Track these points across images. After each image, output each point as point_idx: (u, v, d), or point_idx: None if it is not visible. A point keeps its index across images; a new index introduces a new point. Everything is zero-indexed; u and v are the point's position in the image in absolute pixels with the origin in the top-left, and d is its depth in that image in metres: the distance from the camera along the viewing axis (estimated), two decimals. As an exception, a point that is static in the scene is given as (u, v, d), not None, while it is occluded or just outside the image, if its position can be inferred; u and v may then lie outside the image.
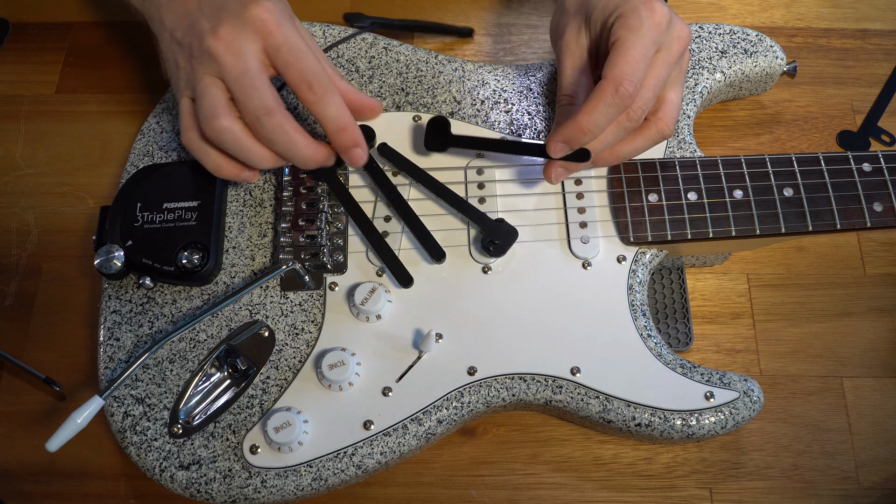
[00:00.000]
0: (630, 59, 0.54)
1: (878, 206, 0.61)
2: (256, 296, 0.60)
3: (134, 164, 0.66)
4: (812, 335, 0.66)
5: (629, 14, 0.56)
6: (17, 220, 0.70)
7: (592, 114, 0.55)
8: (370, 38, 0.70)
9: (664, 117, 0.59)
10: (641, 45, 0.55)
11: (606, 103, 0.54)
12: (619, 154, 0.59)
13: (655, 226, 0.61)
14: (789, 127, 0.74)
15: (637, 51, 0.55)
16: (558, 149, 0.57)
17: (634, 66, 0.54)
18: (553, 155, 0.57)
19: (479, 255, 0.61)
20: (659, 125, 0.59)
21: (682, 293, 0.66)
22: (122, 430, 0.57)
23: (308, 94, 0.55)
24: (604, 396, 0.57)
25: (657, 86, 0.56)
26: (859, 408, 0.64)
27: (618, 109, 0.54)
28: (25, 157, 0.73)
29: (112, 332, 0.60)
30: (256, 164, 0.56)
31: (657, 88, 0.57)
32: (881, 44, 0.78)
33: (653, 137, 0.59)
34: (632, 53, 0.54)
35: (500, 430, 0.63)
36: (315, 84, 0.54)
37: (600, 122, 0.55)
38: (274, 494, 0.55)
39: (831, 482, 0.61)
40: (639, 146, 0.59)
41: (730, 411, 0.56)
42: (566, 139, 0.56)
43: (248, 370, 0.58)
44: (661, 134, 0.59)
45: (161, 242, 0.59)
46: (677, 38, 0.57)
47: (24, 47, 0.78)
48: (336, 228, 0.62)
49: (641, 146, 0.59)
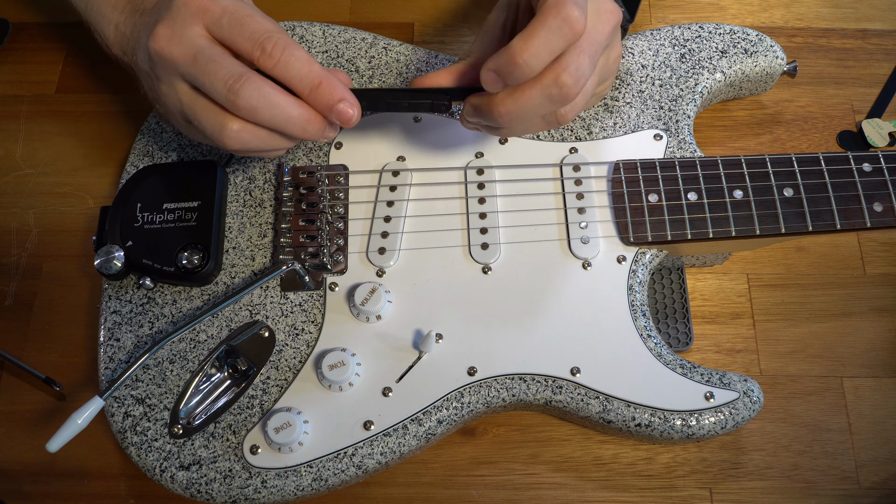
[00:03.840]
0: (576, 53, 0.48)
1: (878, 206, 0.61)
2: (256, 296, 0.61)
3: (134, 164, 0.66)
4: (812, 335, 0.66)
5: None
6: (17, 220, 0.70)
7: (530, 40, 0.47)
8: (370, 37, 0.70)
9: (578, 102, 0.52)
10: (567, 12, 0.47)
11: (548, 28, 0.46)
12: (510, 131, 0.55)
13: (655, 226, 0.61)
14: (789, 127, 0.74)
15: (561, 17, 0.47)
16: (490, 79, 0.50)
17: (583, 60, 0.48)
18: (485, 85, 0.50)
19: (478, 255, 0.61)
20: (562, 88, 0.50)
21: (682, 293, 0.66)
22: (122, 431, 0.57)
23: (265, 58, 0.49)
24: (604, 397, 0.57)
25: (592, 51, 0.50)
26: (859, 408, 0.64)
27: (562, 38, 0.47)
28: (25, 157, 0.73)
29: (112, 333, 0.60)
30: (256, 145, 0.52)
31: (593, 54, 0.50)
32: (881, 44, 0.78)
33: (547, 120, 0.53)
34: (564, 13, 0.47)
35: (500, 430, 0.63)
36: (268, 44, 0.49)
37: (541, 51, 0.47)
38: (274, 495, 0.55)
39: (831, 482, 0.61)
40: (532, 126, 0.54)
41: (730, 411, 0.56)
42: (498, 69, 0.49)
43: (249, 370, 0.58)
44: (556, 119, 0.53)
45: (161, 243, 0.59)
46: (606, 11, 0.51)
47: (24, 47, 0.78)
48: (336, 228, 0.62)
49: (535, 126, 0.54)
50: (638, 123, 0.66)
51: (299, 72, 0.50)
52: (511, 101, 0.50)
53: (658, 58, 0.68)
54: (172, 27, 0.50)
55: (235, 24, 0.49)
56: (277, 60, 0.49)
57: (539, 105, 0.50)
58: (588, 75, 0.50)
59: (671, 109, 0.66)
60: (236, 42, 0.50)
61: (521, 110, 0.51)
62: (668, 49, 0.69)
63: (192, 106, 0.52)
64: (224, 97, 0.50)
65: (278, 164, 0.65)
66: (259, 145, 0.53)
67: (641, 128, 0.66)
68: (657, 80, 0.67)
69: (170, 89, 0.53)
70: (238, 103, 0.49)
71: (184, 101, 0.52)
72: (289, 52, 0.49)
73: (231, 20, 0.50)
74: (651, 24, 0.79)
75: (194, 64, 0.50)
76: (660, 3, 0.80)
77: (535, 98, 0.50)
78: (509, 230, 0.62)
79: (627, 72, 0.68)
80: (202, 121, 0.52)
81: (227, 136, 0.52)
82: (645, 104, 0.67)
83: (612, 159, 0.64)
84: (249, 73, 0.49)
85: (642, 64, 0.68)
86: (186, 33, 0.50)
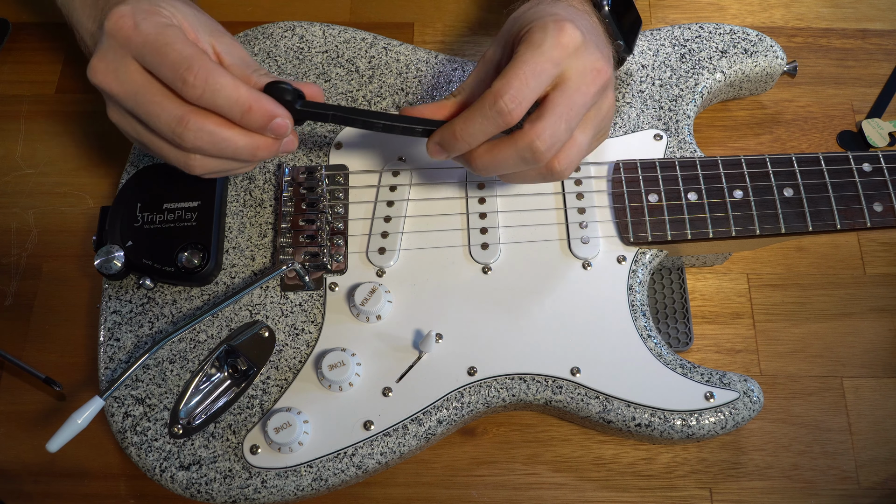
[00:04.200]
0: (519, 74, 0.49)
1: (878, 206, 0.61)
2: (256, 296, 0.61)
3: (134, 164, 0.66)
4: (812, 335, 0.66)
5: (535, 29, 0.51)
6: (17, 220, 0.70)
7: (467, 121, 0.51)
8: (370, 37, 0.70)
9: (560, 157, 0.53)
10: (536, 61, 0.50)
11: (482, 115, 0.50)
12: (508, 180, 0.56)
13: (655, 226, 0.61)
14: (789, 127, 0.74)
15: (529, 66, 0.50)
16: (434, 150, 0.54)
17: (521, 82, 0.49)
18: (431, 155, 0.54)
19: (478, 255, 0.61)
20: (551, 164, 0.53)
21: (682, 293, 0.66)
22: (122, 431, 0.57)
23: (188, 90, 0.48)
24: (604, 397, 0.57)
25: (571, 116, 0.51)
26: (859, 408, 0.64)
27: (494, 124, 0.50)
28: (25, 157, 0.73)
29: (112, 333, 0.60)
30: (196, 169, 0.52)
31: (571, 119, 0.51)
32: (881, 44, 0.78)
33: (542, 175, 0.54)
34: (523, 69, 0.50)
35: (500, 430, 0.63)
36: (188, 75, 0.47)
37: (474, 132, 0.51)
38: (274, 495, 0.55)
39: (831, 482, 0.61)
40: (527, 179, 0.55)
41: (730, 411, 0.56)
42: (442, 141, 0.53)
43: (249, 370, 0.58)
44: (550, 173, 0.53)
45: (161, 243, 0.59)
46: (592, 71, 0.52)
47: (24, 47, 0.78)
48: (336, 228, 0.62)
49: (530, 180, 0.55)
50: (638, 123, 0.66)
51: (227, 99, 0.49)
52: (488, 157, 0.53)
53: (658, 58, 0.68)
54: (106, 60, 0.49)
55: (155, 54, 0.48)
56: (202, 91, 0.48)
57: (514, 164, 0.53)
58: (563, 139, 0.52)
59: (671, 109, 0.66)
60: (161, 74, 0.49)
61: (496, 165, 0.53)
62: (668, 49, 0.69)
63: (152, 141, 0.52)
64: (171, 139, 0.50)
65: (278, 164, 0.65)
66: (225, 168, 0.54)
67: (641, 128, 0.66)
68: (657, 80, 0.67)
69: (122, 119, 0.52)
70: (184, 145, 0.50)
71: (140, 133, 0.52)
72: (212, 80, 0.48)
73: (151, 51, 0.48)
74: (651, 24, 0.79)
75: (136, 105, 0.49)
76: (660, 3, 0.80)
77: (511, 158, 0.52)
78: (509, 230, 0.62)
79: (627, 72, 0.68)
80: (166, 155, 0.52)
81: (194, 167, 0.53)
82: (645, 104, 0.67)
83: (612, 159, 0.64)
84: (189, 113, 0.49)
85: (642, 64, 0.68)
86: (121, 69, 0.49)
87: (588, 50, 0.52)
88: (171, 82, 0.48)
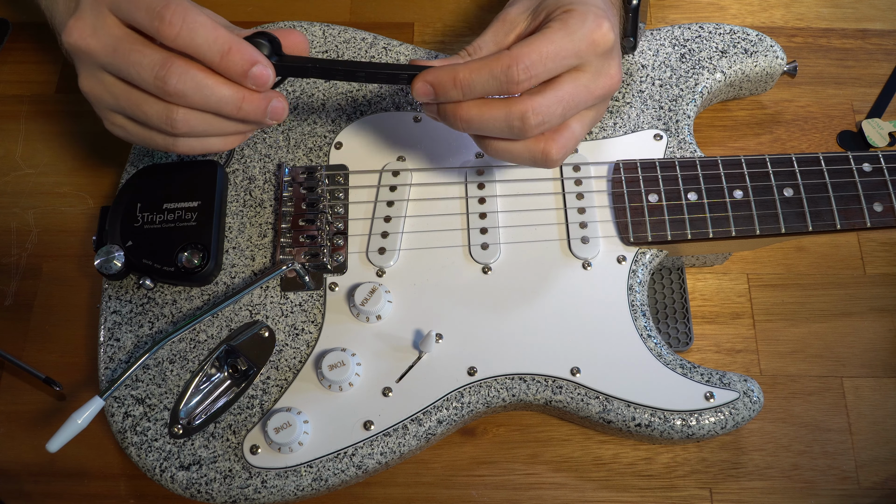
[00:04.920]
0: (542, 50, 0.49)
1: (878, 206, 0.61)
2: (256, 296, 0.61)
3: (134, 164, 0.66)
4: (812, 335, 0.66)
5: (575, 13, 0.51)
6: (17, 220, 0.70)
7: (472, 72, 0.49)
8: (370, 37, 0.70)
9: (556, 139, 0.52)
10: (563, 45, 0.49)
11: (491, 73, 0.49)
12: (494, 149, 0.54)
13: (655, 226, 0.61)
14: (789, 127, 0.74)
15: (555, 46, 0.49)
16: (422, 90, 0.51)
17: (542, 59, 0.49)
18: (415, 94, 0.51)
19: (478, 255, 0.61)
20: (547, 144, 0.52)
21: (682, 293, 0.66)
22: (122, 431, 0.57)
23: (165, 28, 0.46)
24: (604, 397, 0.57)
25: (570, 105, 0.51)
26: (859, 408, 0.64)
27: (498, 85, 0.49)
28: (25, 157, 0.73)
29: (112, 333, 0.60)
30: None
31: (569, 108, 0.51)
32: (881, 44, 0.78)
33: (533, 154, 0.53)
34: (548, 46, 0.49)
35: (500, 430, 0.63)
36: (165, 12, 0.46)
37: (475, 85, 0.49)
38: (274, 495, 0.55)
39: (831, 482, 0.61)
40: (516, 155, 0.54)
41: (730, 411, 0.56)
42: (435, 81, 0.50)
43: (249, 370, 0.58)
44: (543, 154, 0.53)
45: (161, 243, 0.59)
46: (607, 75, 0.52)
47: (24, 47, 0.78)
48: (336, 228, 0.62)
49: (518, 156, 0.54)
50: (638, 123, 0.66)
51: (206, 39, 0.47)
52: (476, 112, 0.51)
53: (658, 58, 0.68)
54: (83, 19, 0.48)
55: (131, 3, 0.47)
56: (179, 29, 0.46)
57: (499, 128, 0.51)
58: (554, 123, 0.51)
59: (671, 109, 0.66)
60: (136, 18, 0.47)
61: (480, 123, 0.51)
62: (668, 49, 0.69)
63: (130, 98, 0.50)
64: (153, 85, 0.48)
65: (279, 164, 0.65)
66: (211, 126, 0.51)
67: (641, 128, 0.66)
68: (657, 80, 0.67)
69: (95, 83, 0.50)
70: (167, 90, 0.47)
71: (118, 95, 0.50)
72: (191, 17, 0.46)
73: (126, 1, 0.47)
74: (651, 24, 0.79)
75: (115, 55, 0.48)
76: (660, 3, 0.80)
77: (498, 121, 0.51)
78: (509, 230, 0.62)
79: (627, 72, 0.68)
80: (146, 111, 0.50)
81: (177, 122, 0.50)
82: (645, 104, 0.67)
83: (612, 159, 0.64)
84: (172, 57, 0.47)
85: (642, 64, 0.68)
86: (98, 24, 0.48)
87: (612, 55, 0.52)
88: (147, 24, 0.47)
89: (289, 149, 0.66)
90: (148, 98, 0.50)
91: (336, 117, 0.67)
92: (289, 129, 0.66)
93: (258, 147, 0.66)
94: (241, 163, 0.65)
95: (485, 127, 0.52)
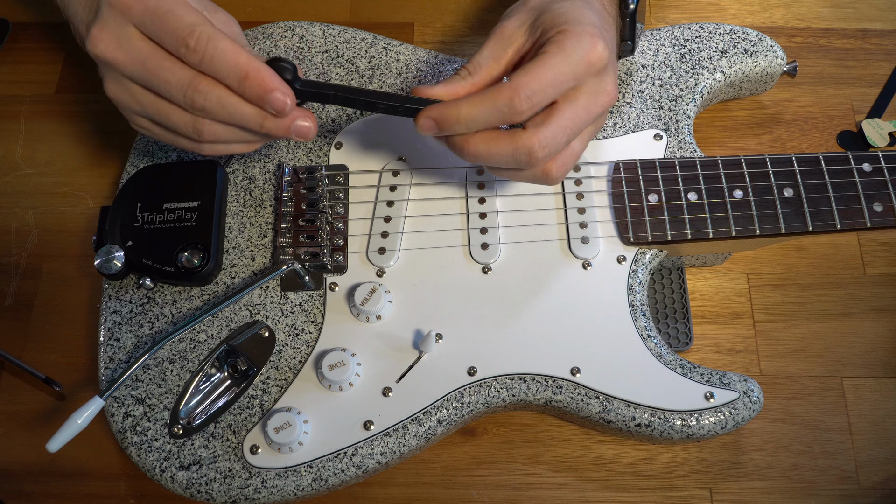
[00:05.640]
0: (542, 77, 0.50)
1: (878, 206, 0.61)
2: (256, 296, 0.61)
3: (134, 164, 0.66)
4: (812, 335, 0.66)
5: (570, 35, 0.51)
6: (17, 220, 0.70)
7: (475, 107, 0.50)
8: (370, 37, 0.70)
9: (557, 159, 0.54)
10: (561, 70, 0.50)
11: (494, 104, 0.50)
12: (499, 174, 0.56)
13: (655, 226, 0.61)
14: (789, 127, 0.74)
15: (553, 73, 0.50)
16: (426, 125, 0.52)
17: (542, 86, 0.50)
18: (419, 129, 0.53)
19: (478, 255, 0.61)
20: (548, 166, 0.54)
21: (682, 293, 0.66)
22: (122, 431, 0.57)
23: (190, 55, 0.48)
24: (604, 397, 0.57)
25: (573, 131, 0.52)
26: (859, 408, 0.64)
27: (501, 117, 0.51)
28: (25, 157, 0.73)
29: (112, 333, 0.60)
30: None
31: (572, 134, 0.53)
32: (881, 44, 0.78)
33: (535, 177, 0.55)
34: (547, 73, 0.50)
35: (500, 430, 0.63)
36: (190, 39, 0.48)
37: (478, 119, 0.51)
38: (274, 495, 0.55)
39: (831, 482, 0.61)
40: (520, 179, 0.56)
41: (730, 411, 0.56)
42: (438, 118, 0.51)
43: (249, 370, 0.58)
44: (545, 175, 0.54)
45: (161, 243, 0.59)
46: (604, 92, 0.53)
47: (24, 47, 0.78)
48: (336, 228, 0.62)
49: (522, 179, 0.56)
50: (638, 123, 0.66)
51: (226, 65, 0.48)
52: (483, 147, 0.53)
53: (658, 58, 0.68)
54: (108, 30, 0.50)
55: (157, 21, 0.49)
56: (202, 56, 0.48)
57: (507, 161, 0.53)
58: (559, 149, 0.53)
59: (671, 109, 0.66)
60: (163, 41, 0.49)
61: (489, 157, 0.53)
62: (668, 49, 0.69)
63: (157, 108, 0.52)
64: (182, 101, 0.50)
65: (279, 164, 0.65)
66: (235, 137, 0.54)
67: (641, 128, 0.66)
68: (657, 80, 0.67)
69: (121, 91, 0.52)
70: (195, 106, 0.50)
71: (145, 104, 0.52)
72: (212, 45, 0.48)
73: (153, 18, 0.49)
74: (651, 24, 0.79)
75: (145, 71, 0.50)
76: (660, 3, 0.80)
77: (506, 155, 0.52)
78: (509, 230, 0.62)
79: (627, 72, 0.68)
80: (174, 121, 0.52)
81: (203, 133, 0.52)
82: (645, 104, 0.67)
83: (612, 159, 0.64)
84: (199, 77, 0.49)
85: (642, 64, 0.68)
86: (123, 37, 0.50)
87: (607, 71, 0.53)
88: (174, 49, 0.49)
89: (289, 149, 0.66)
90: (175, 109, 0.52)
91: (336, 117, 0.67)
92: (289, 129, 0.66)
93: (258, 147, 0.66)
94: (241, 163, 0.65)
95: (495, 160, 0.53)
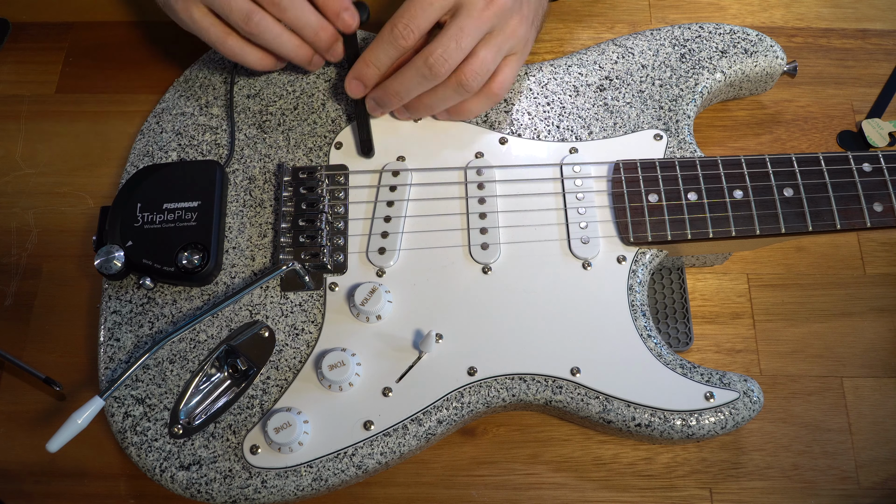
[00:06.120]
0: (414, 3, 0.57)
1: (878, 206, 0.61)
2: (256, 296, 0.61)
3: (134, 164, 0.66)
4: (812, 335, 0.66)
5: None
6: (17, 220, 0.70)
7: (372, 51, 0.59)
8: (370, 38, 0.70)
9: (464, 67, 0.59)
10: None
11: (384, 41, 0.58)
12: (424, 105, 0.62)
13: (655, 226, 0.61)
14: (789, 127, 0.74)
15: None
16: (353, 87, 0.62)
17: (416, 10, 0.57)
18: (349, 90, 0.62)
19: (478, 255, 0.61)
20: (456, 75, 0.59)
21: (682, 293, 0.66)
22: (122, 431, 0.57)
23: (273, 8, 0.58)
24: (604, 397, 0.57)
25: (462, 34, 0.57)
26: (859, 408, 0.64)
27: (396, 49, 0.58)
28: (25, 157, 0.73)
29: (112, 333, 0.60)
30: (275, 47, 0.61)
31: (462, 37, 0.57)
32: (881, 44, 0.78)
33: (453, 88, 0.60)
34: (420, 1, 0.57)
35: (500, 430, 0.63)
36: None
37: (381, 59, 0.59)
38: (274, 495, 0.55)
39: (831, 482, 0.61)
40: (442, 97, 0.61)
41: (730, 411, 0.56)
42: (357, 75, 0.61)
43: (249, 370, 0.58)
44: (458, 83, 0.59)
45: (161, 243, 0.59)
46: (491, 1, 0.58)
47: (24, 47, 0.78)
48: (336, 228, 0.62)
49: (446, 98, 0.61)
50: (638, 123, 0.66)
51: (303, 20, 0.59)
52: (396, 82, 0.60)
53: (658, 58, 0.68)
54: None
55: None
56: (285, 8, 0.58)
57: (418, 82, 0.59)
58: (457, 56, 0.58)
59: (671, 109, 0.66)
60: None
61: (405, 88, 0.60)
62: (668, 49, 0.69)
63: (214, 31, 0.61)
64: (241, 29, 0.60)
65: (279, 164, 0.65)
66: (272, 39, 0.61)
67: (641, 128, 0.66)
68: (657, 80, 0.67)
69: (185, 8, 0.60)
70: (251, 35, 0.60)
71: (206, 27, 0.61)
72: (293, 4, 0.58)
73: None
74: (651, 24, 0.79)
75: None
76: (660, 3, 0.80)
77: (413, 77, 0.59)
78: (509, 230, 0.62)
79: (627, 72, 0.68)
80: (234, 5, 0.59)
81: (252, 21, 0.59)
82: (645, 104, 0.67)
83: (612, 159, 0.64)
84: (254, 11, 0.58)
85: (642, 64, 0.68)
86: None
87: None
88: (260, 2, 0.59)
89: (289, 149, 0.66)
90: None
91: (336, 117, 0.67)
92: (289, 129, 0.66)
93: (258, 147, 0.66)
94: (241, 163, 0.65)
95: (410, 87, 0.60)
